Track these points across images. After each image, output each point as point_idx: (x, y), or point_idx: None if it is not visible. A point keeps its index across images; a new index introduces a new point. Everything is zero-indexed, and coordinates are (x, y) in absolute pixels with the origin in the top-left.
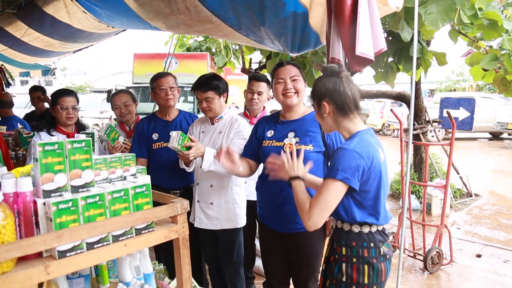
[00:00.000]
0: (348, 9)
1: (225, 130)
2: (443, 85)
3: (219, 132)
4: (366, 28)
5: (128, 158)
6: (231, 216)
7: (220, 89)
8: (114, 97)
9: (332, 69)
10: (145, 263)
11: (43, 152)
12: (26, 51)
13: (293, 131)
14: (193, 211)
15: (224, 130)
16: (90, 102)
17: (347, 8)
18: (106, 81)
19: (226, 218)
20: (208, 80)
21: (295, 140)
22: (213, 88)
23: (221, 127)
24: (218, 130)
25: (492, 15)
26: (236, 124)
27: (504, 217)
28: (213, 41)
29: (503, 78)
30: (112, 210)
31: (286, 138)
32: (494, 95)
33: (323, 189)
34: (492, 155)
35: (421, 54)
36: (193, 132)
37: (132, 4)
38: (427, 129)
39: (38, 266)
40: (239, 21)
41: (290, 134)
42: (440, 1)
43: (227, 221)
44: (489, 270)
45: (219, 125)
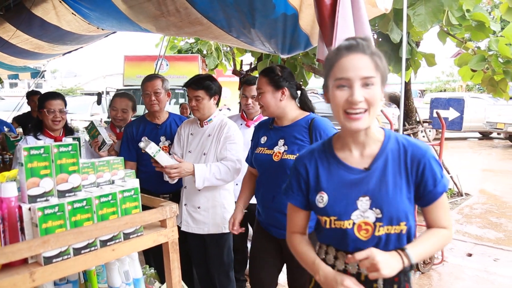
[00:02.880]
0: (327, 10)
1: (214, 133)
2: (434, 85)
3: (208, 135)
4: (347, 29)
5: (116, 162)
6: (218, 221)
7: (211, 90)
8: (116, 98)
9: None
10: (134, 268)
11: (28, 157)
12: (15, 53)
13: (283, 138)
14: (180, 215)
15: (213, 133)
16: (81, 104)
17: (326, 9)
18: (97, 84)
19: (213, 222)
20: (201, 79)
21: (284, 149)
22: (205, 88)
23: (210, 130)
24: (207, 133)
25: (480, 16)
26: (226, 128)
27: (494, 216)
28: (204, 43)
29: (491, 78)
30: (100, 214)
31: (276, 146)
32: (483, 95)
33: (446, 203)
34: (482, 155)
35: (411, 55)
36: (181, 134)
37: (122, 6)
38: (417, 129)
39: (23, 273)
40: (229, 23)
41: (280, 141)
42: (429, 2)
43: (214, 225)
44: (480, 269)
45: (208, 128)
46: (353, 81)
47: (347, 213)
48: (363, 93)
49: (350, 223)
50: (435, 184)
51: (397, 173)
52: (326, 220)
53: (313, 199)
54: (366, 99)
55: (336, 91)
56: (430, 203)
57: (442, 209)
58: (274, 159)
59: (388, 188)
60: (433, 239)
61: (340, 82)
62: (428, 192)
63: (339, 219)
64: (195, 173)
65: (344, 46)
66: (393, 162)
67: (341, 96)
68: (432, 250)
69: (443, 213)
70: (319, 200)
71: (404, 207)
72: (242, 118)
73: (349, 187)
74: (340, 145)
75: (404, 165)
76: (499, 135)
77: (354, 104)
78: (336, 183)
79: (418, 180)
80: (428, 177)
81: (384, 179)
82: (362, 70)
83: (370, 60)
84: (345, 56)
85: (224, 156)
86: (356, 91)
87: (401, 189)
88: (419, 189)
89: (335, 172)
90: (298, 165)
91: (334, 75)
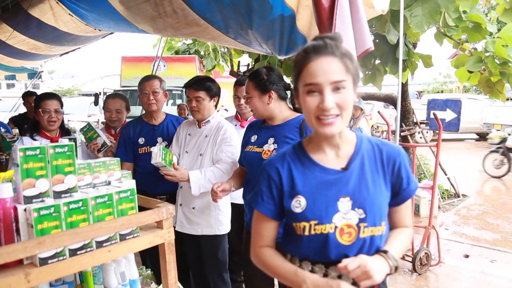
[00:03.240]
0: (325, 12)
1: (211, 135)
2: (431, 86)
3: (205, 136)
4: (344, 31)
5: (112, 163)
6: (212, 222)
7: (212, 91)
8: (109, 100)
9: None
10: (130, 269)
11: (24, 157)
12: (12, 54)
13: (273, 137)
14: (175, 215)
15: (210, 134)
16: (78, 105)
17: (324, 11)
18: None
19: (207, 224)
20: (202, 80)
21: (273, 147)
22: (206, 89)
23: (207, 131)
24: (204, 134)
25: (476, 18)
26: (222, 130)
27: (491, 217)
28: (201, 44)
29: (488, 79)
30: (96, 215)
31: (266, 144)
32: (480, 96)
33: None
34: (479, 156)
35: (408, 57)
36: (180, 134)
37: (119, 7)
38: (414, 130)
39: (18, 274)
40: (227, 24)
41: (270, 140)
42: (425, 4)
43: (208, 227)
44: (477, 270)
45: (206, 129)
46: (323, 87)
47: (328, 216)
48: (334, 98)
49: (332, 227)
50: (408, 183)
51: (375, 172)
52: (305, 226)
53: (288, 205)
54: (337, 104)
55: (306, 97)
56: (403, 202)
57: (409, 209)
58: (263, 157)
59: (368, 187)
60: (403, 239)
61: (309, 87)
62: (402, 190)
63: (320, 223)
64: (190, 181)
65: (312, 48)
66: (369, 161)
67: (311, 102)
68: (403, 250)
69: (409, 212)
70: (295, 205)
71: (384, 206)
72: (237, 119)
73: (328, 188)
74: (313, 147)
75: (381, 164)
76: None
77: (325, 111)
78: (313, 185)
79: (394, 178)
80: (403, 175)
81: (363, 178)
82: (331, 74)
83: (340, 63)
84: (313, 60)
85: (220, 158)
86: (327, 97)
87: (381, 188)
88: (395, 188)
89: (311, 174)
90: (269, 169)
91: (304, 80)
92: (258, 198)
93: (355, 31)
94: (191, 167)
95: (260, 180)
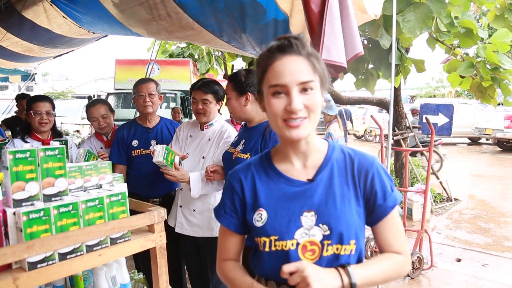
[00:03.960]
0: (316, 18)
1: (214, 138)
2: (423, 91)
3: (208, 139)
4: (334, 36)
5: (103, 166)
6: (212, 225)
7: (219, 95)
8: (91, 109)
9: None
10: (121, 273)
11: (13, 160)
12: (5, 56)
13: (245, 138)
14: (174, 216)
15: (213, 137)
16: (72, 108)
17: (314, 17)
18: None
19: (207, 226)
20: (211, 83)
21: (240, 148)
22: (214, 92)
23: (210, 134)
24: (207, 137)
25: (468, 23)
26: (226, 134)
27: (482, 221)
28: (195, 48)
29: (479, 84)
30: (86, 219)
31: (238, 145)
32: (472, 101)
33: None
34: (471, 160)
35: (400, 61)
36: (180, 135)
37: (113, 10)
38: (407, 134)
39: (6, 278)
40: (220, 28)
41: (242, 141)
42: (418, 9)
43: (208, 229)
44: (468, 274)
45: (209, 132)
46: (290, 88)
47: (290, 232)
48: (302, 99)
49: (293, 243)
50: (384, 198)
51: (344, 185)
52: (265, 241)
53: (250, 219)
54: (306, 106)
55: (272, 99)
56: (380, 219)
57: (394, 229)
58: (232, 158)
59: (336, 201)
60: (384, 263)
61: (275, 89)
62: (377, 206)
63: (280, 239)
64: (190, 183)
65: (276, 47)
66: (339, 172)
67: (277, 104)
68: (382, 276)
69: (395, 234)
70: (257, 219)
71: (353, 222)
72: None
73: (291, 201)
74: (280, 157)
75: (352, 176)
76: (487, 141)
77: (293, 113)
78: (276, 198)
79: (367, 192)
80: (377, 189)
81: (331, 191)
82: (299, 74)
83: (307, 62)
84: (278, 59)
85: (220, 160)
86: (295, 99)
87: (350, 202)
88: (368, 203)
89: (275, 186)
90: (232, 180)
91: (268, 81)
92: (221, 211)
93: (346, 35)
94: (193, 169)
95: (224, 191)
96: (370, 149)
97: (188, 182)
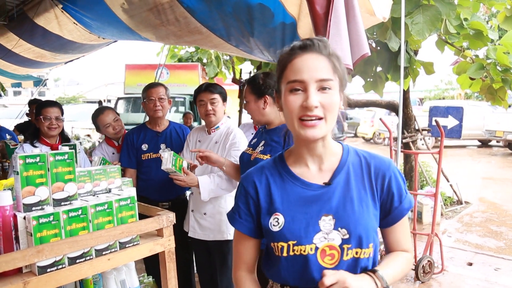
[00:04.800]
0: (321, 20)
1: (221, 141)
2: (432, 93)
3: (215, 142)
4: (339, 38)
5: (113, 170)
6: (223, 228)
7: (224, 95)
8: (101, 116)
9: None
10: (130, 277)
11: (24, 165)
12: (18, 62)
13: (264, 139)
14: (187, 220)
15: (220, 140)
16: (82, 112)
17: (319, 19)
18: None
19: (219, 229)
20: (215, 84)
21: (260, 149)
22: (219, 92)
23: (217, 137)
24: (214, 140)
25: (478, 25)
26: (232, 135)
27: (494, 224)
28: (204, 52)
29: (490, 86)
30: (96, 223)
31: (258, 146)
32: (482, 103)
33: (408, 223)
34: (482, 162)
35: (409, 64)
36: (190, 141)
37: (122, 15)
38: (416, 137)
39: (16, 282)
40: (228, 32)
41: (262, 142)
42: (426, 11)
43: (219, 232)
44: (480, 278)
45: (216, 135)
46: (308, 84)
47: (308, 236)
48: (319, 98)
49: (312, 248)
50: (400, 200)
51: (361, 188)
52: (282, 246)
53: (266, 223)
54: (322, 105)
55: (289, 95)
56: (395, 221)
57: (405, 230)
58: (251, 159)
59: (354, 204)
60: (399, 263)
61: (293, 85)
62: (394, 209)
63: (299, 244)
64: (200, 187)
65: (298, 46)
66: (355, 176)
67: (294, 101)
68: (400, 275)
69: (405, 234)
70: (273, 223)
71: (372, 225)
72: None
73: (308, 205)
74: (294, 160)
75: (368, 179)
76: (498, 143)
77: (309, 109)
78: (293, 202)
79: (384, 195)
80: (394, 191)
81: (348, 194)
82: (318, 71)
83: (327, 61)
84: (299, 56)
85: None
86: (312, 95)
87: (367, 205)
88: (385, 206)
89: (291, 190)
90: (246, 183)
91: (287, 78)
92: (235, 216)
93: (352, 36)
94: (202, 173)
95: (237, 196)
96: (379, 152)
97: (197, 185)
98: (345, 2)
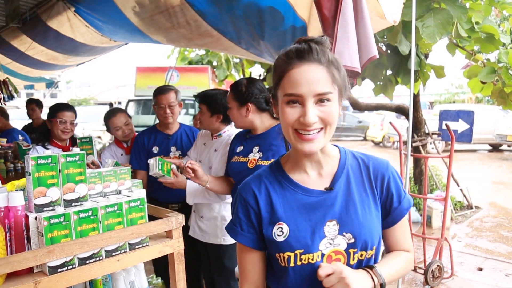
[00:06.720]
0: (329, 23)
1: (220, 149)
2: (443, 97)
3: (214, 150)
4: (347, 40)
5: (123, 172)
6: (218, 233)
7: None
8: (112, 119)
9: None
10: (140, 278)
11: (36, 166)
12: (31, 64)
13: (258, 145)
14: (190, 220)
15: (220, 148)
16: (94, 114)
17: (327, 22)
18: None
19: (213, 233)
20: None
21: (258, 155)
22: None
23: (217, 145)
24: (214, 148)
25: (489, 28)
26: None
27: (505, 230)
28: (214, 55)
29: (501, 90)
30: (106, 224)
31: (251, 153)
32: (493, 107)
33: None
34: (492, 167)
35: (420, 67)
36: (198, 142)
37: (134, 18)
38: (426, 141)
39: (28, 282)
40: (239, 35)
41: (255, 149)
42: (437, 15)
43: (214, 236)
44: (491, 283)
45: (216, 142)
46: (306, 98)
47: (315, 243)
48: (318, 111)
49: (319, 255)
50: (400, 201)
51: (362, 191)
52: (289, 256)
53: (269, 233)
54: (321, 118)
55: (286, 107)
56: (395, 222)
57: (405, 230)
58: (249, 166)
59: (356, 208)
60: (400, 261)
61: (290, 98)
62: (393, 209)
63: (306, 252)
64: (186, 190)
65: (295, 52)
66: (355, 179)
67: (291, 114)
68: (399, 273)
69: (405, 234)
70: (277, 233)
71: (375, 228)
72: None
73: (312, 212)
74: (292, 166)
75: (368, 181)
76: (509, 147)
77: (307, 126)
78: (296, 210)
79: (384, 196)
80: (393, 192)
81: (350, 198)
82: (316, 85)
83: (326, 72)
84: (296, 67)
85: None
86: (310, 111)
87: (369, 208)
88: (385, 207)
89: (292, 197)
90: (244, 193)
91: (284, 89)
92: (237, 228)
93: (360, 39)
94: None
95: (237, 206)
96: (388, 155)
97: (185, 187)
98: (354, 5)
